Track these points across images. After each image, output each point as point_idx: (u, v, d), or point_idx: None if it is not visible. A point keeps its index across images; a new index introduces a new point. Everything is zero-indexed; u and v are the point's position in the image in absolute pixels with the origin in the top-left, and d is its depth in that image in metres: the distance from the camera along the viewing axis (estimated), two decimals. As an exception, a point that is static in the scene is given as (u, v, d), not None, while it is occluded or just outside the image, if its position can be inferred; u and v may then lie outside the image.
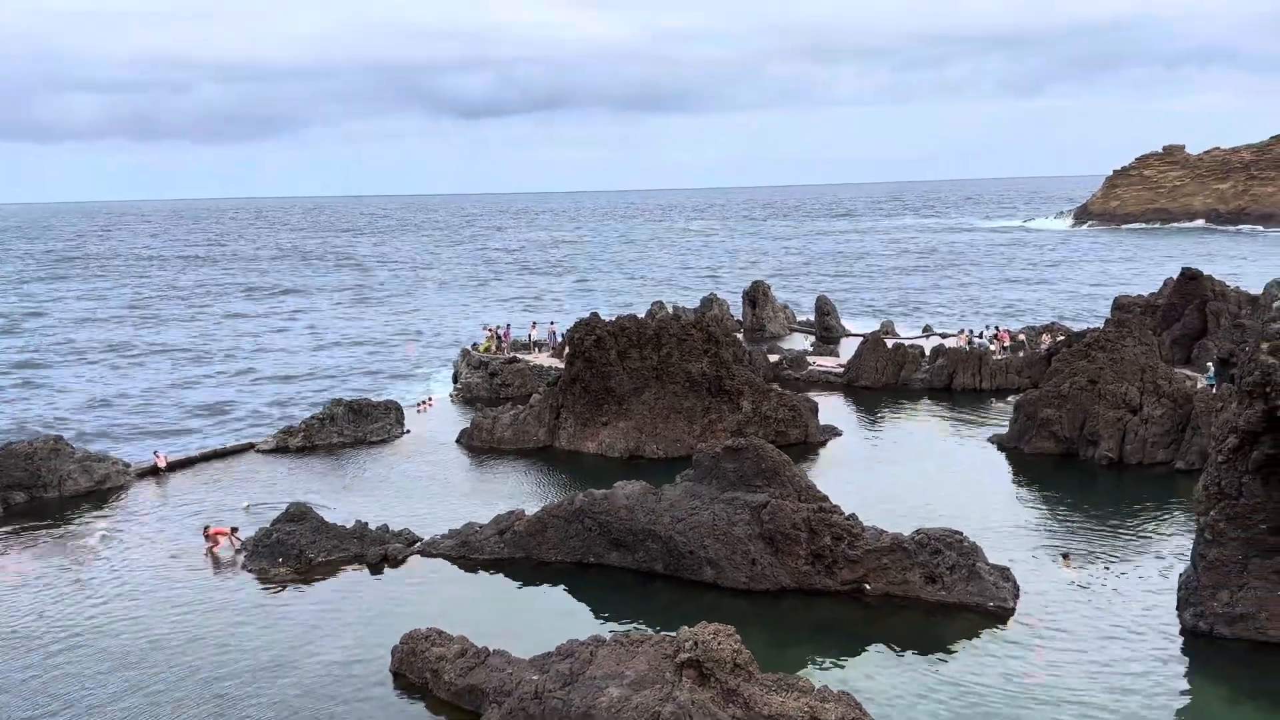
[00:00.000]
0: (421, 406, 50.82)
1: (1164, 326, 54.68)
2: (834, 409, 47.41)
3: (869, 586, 25.82)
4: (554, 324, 62.78)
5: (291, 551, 29.05)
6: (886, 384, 52.90)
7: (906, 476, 36.54)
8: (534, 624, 24.50)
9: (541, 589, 27.25)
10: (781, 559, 26.40)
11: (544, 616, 25.36)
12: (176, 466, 40.05)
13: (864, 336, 58.98)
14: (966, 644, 23.09)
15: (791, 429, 41.88)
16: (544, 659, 20.06)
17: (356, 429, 43.74)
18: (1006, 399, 48.33)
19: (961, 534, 26.23)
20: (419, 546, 29.90)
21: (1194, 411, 37.47)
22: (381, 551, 29.30)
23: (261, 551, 29.22)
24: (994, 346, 55.95)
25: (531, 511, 30.19)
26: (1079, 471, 37.47)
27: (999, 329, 59.53)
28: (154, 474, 39.09)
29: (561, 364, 48.08)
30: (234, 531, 30.72)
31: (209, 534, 30.66)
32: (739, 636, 18.62)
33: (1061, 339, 52.52)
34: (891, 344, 55.98)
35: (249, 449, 42.97)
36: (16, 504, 35.16)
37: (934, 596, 25.19)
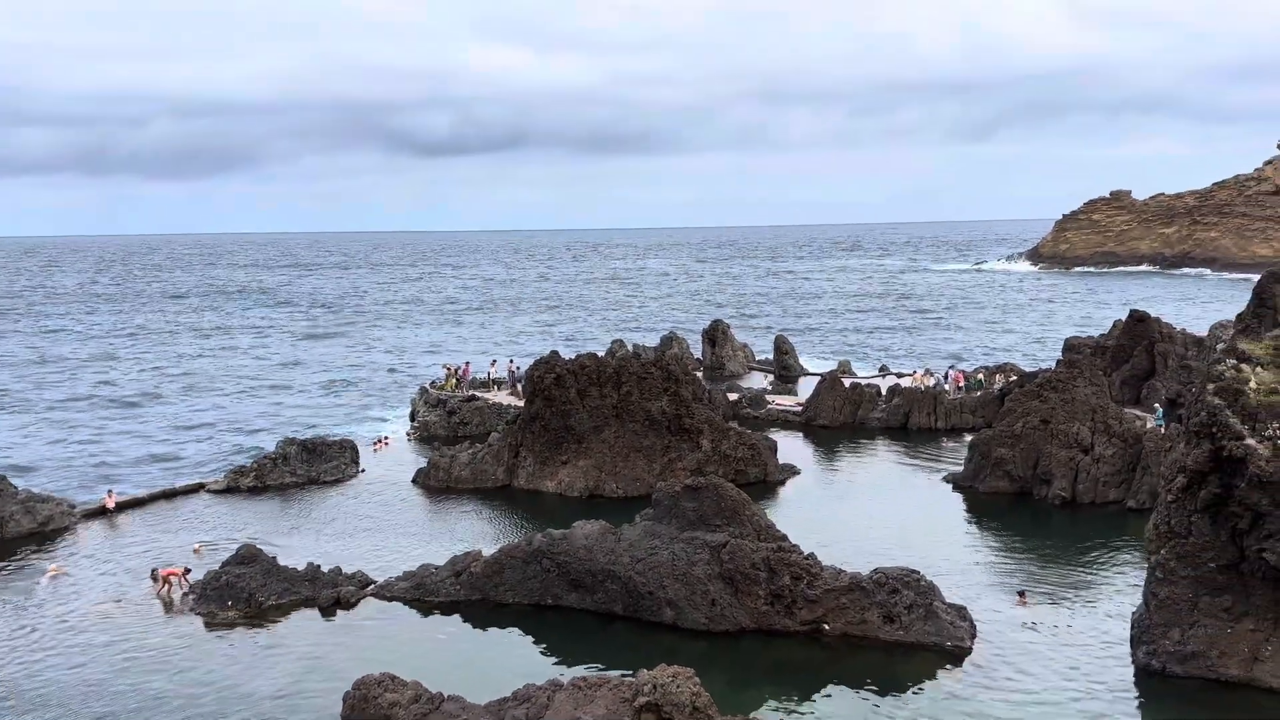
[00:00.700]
0: (377, 445, 50.17)
1: (1113, 367, 55.79)
2: (792, 448, 47.61)
3: (828, 626, 25.78)
4: (513, 362, 62.54)
5: (241, 595, 28.36)
6: (844, 423, 53.32)
7: (864, 515, 36.69)
8: (490, 668, 24.09)
9: (498, 632, 26.83)
10: (741, 599, 26.29)
11: (501, 660, 24.95)
12: (125, 507, 39.05)
13: (822, 376, 59.48)
14: (925, 684, 23.09)
15: (751, 467, 41.97)
16: (500, 705, 19.70)
17: (310, 468, 43.03)
18: (961, 438, 48.91)
19: (919, 573, 26.34)
20: (373, 589, 29.34)
21: (1144, 451, 38.16)
22: (334, 594, 28.70)
23: (210, 595, 28.49)
24: (948, 386, 56.69)
25: (489, 552, 29.81)
26: (1033, 510, 37.90)
27: (957, 370, 60.37)
28: (103, 514, 38.06)
29: (521, 402, 47.83)
30: (186, 573, 29.96)
31: (160, 575, 29.87)
32: (698, 679, 18.46)
33: (1014, 379, 53.37)
34: (849, 383, 56.53)
35: (199, 489, 42.06)
36: (-47, 547, 33.99)
37: (892, 636, 25.20)
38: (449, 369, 60.69)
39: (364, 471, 44.45)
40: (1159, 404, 48.10)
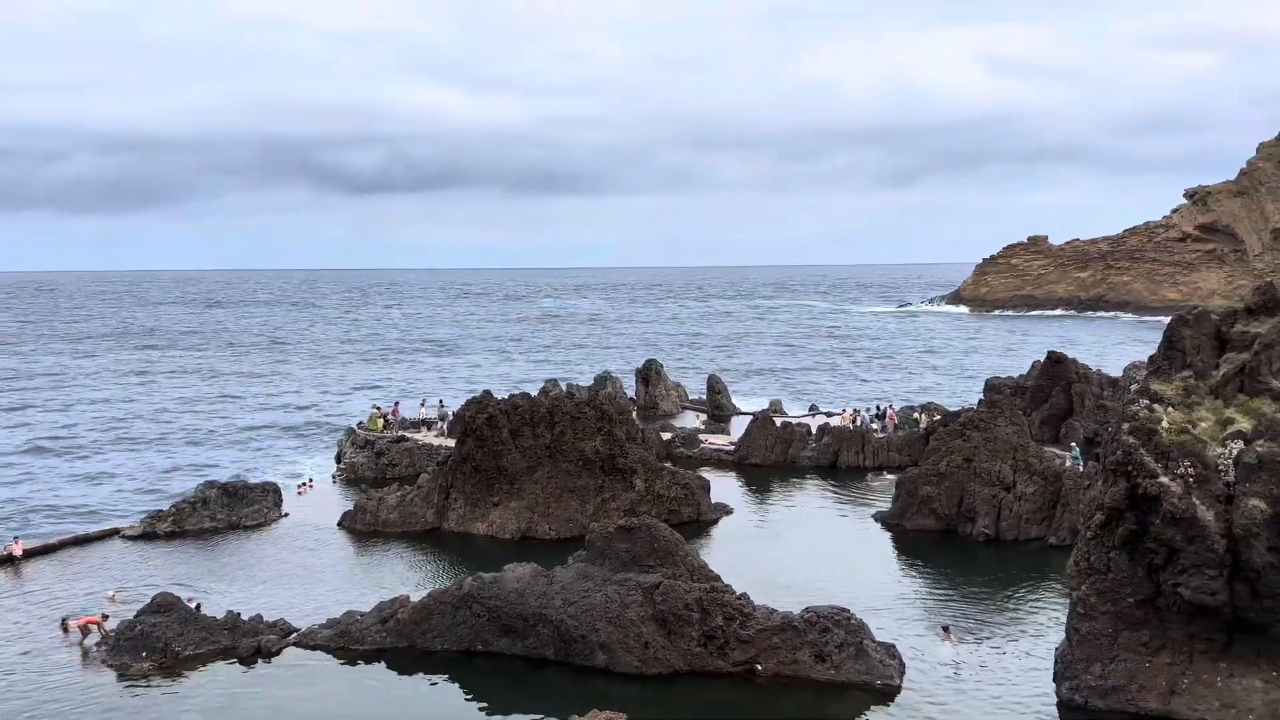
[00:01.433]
0: (302, 488, 48.96)
1: (1033, 407, 57.40)
2: (725, 487, 47.82)
3: (760, 667, 25.77)
4: (443, 403, 61.80)
5: (157, 645, 27.25)
6: (775, 462, 53.79)
7: (795, 554, 36.93)
8: (417, 718, 23.47)
9: (426, 680, 26.21)
10: (674, 641, 26.16)
11: (428, 710, 24.37)
12: (34, 554, 37.31)
13: (754, 415, 60.00)
14: (856, 724, 23.17)
15: (684, 507, 41.99)
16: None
17: (230, 513, 41.78)
18: (885, 476, 49.69)
19: (849, 611, 26.56)
20: (295, 637, 28.46)
21: (1063, 489, 39.22)
22: (254, 644, 27.76)
23: (124, 645, 27.31)
24: (876, 425, 57.64)
25: (417, 598, 29.19)
26: (958, 547, 38.58)
27: (889, 407, 61.42)
28: (8, 562, 36.30)
29: (451, 442, 47.21)
30: (104, 619, 28.72)
31: (77, 625, 28.59)
32: (631, 724, 18.25)
33: (938, 419, 54.54)
34: (780, 423, 57.11)
35: (114, 535, 40.44)
36: None
37: (823, 675, 25.30)
38: (377, 409, 59.70)
39: (287, 515, 43.30)
40: (1076, 443, 49.59)
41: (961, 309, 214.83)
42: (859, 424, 57.37)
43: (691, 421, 67.55)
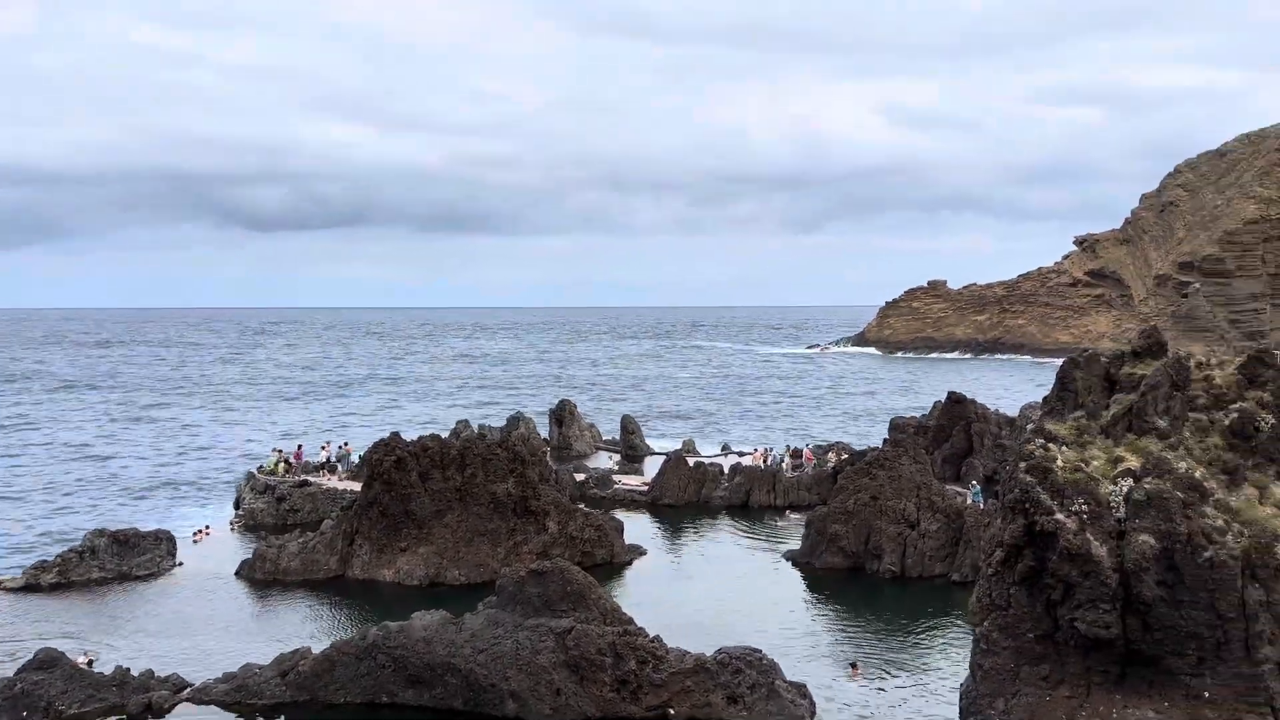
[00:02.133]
0: (198, 536, 47.04)
1: (935, 446, 59.00)
2: (639, 527, 47.73)
3: (673, 711, 25.63)
4: (348, 444, 60.35)
5: (39, 704, 25.68)
6: (689, 502, 54.02)
7: (708, 594, 37.02)
8: (320, 773, 22.57)
9: (330, 733, 25.26)
10: (586, 687, 25.83)
11: (332, 764, 23.44)
12: (-103, 611, 34.84)
13: (667, 455, 60.23)
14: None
15: (598, 549, 41.74)
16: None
17: (121, 562, 39.87)
18: (789, 514, 50.39)
19: (760, 651, 26.67)
20: (188, 693, 27.16)
21: (965, 526, 40.34)
22: (145, 700, 26.40)
23: (3, 705, 25.63)
24: (786, 465, 58.45)
25: (319, 649, 28.22)
26: (866, 585, 39.23)
27: (806, 447, 62.36)
28: None
29: (357, 486, 46.05)
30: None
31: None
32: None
33: (846, 458, 55.59)
34: (693, 462, 57.44)
35: (-9, 587, 38.10)
36: None
37: (736, 718, 25.28)
38: (278, 452, 57.93)
39: (182, 564, 41.52)
40: (976, 481, 51.11)
41: (869, 350, 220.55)
42: (770, 463, 58.07)
43: (605, 462, 67.41)
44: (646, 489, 55.65)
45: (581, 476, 57.58)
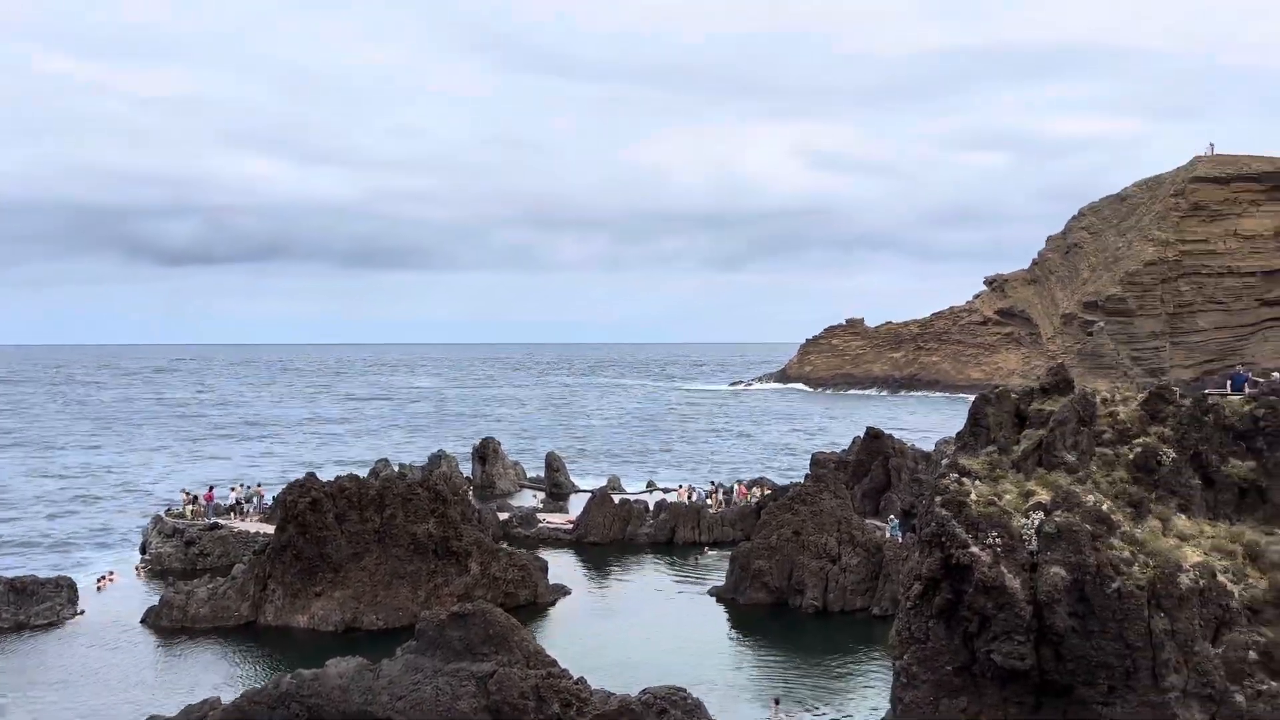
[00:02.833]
0: (101, 583, 45.06)
1: (855, 481, 59.98)
2: (564, 566, 47.33)
3: (598, 753, 25.29)
4: (259, 486, 58.68)
5: (-80, 767, 24.11)
6: (614, 539, 53.83)
7: (633, 633, 36.84)
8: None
9: (241, 787, 24.29)
10: (509, 731, 25.35)
11: (243, 819, 22.50)
12: None
13: (592, 493, 59.98)
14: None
15: (521, 590, 41.21)
16: None
17: (18, 611, 37.97)
18: (707, 551, 50.58)
19: (685, 690, 26.58)
20: (91, 748, 25.84)
21: (885, 560, 41.01)
22: (42, 758, 25.01)
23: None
24: (711, 502, 58.74)
25: (229, 699, 27.18)
26: (789, 620, 39.51)
27: (738, 483, 62.72)
28: None
29: (270, 529, 44.73)
30: None
31: None
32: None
33: (769, 493, 56.14)
34: (618, 499, 57.33)
35: None
36: None
37: (662, 758, 25.06)
38: (186, 494, 55.98)
39: (84, 613, 39.70)
40: (894, 515, 52.08)
41: (793, 386, 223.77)
42: (694, 499, 58.27)
43: (530, 500, 66.82)
44: (571, 527, 55.30)
45: (505, 515, 56.94)
